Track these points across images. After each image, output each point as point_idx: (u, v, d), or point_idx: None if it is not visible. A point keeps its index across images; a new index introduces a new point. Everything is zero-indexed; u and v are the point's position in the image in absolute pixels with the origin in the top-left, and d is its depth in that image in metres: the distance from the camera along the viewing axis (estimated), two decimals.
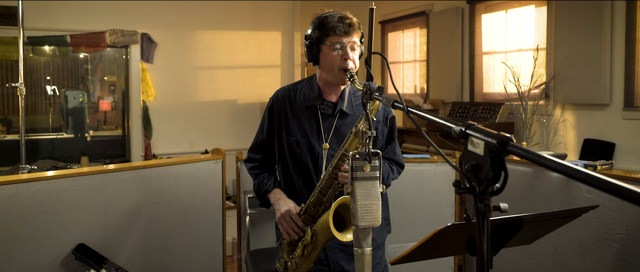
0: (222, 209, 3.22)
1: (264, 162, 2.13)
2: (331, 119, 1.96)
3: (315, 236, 1.82)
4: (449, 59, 5.22)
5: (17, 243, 2.39)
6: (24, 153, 3.40)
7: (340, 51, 1.83)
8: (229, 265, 3.80)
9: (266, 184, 2.06)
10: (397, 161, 2.08)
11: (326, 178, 1.79)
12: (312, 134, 1.96)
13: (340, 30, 1.82)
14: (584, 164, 2.60)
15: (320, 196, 1.81)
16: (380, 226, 2.02)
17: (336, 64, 1.84)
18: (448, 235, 1.22)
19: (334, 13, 1.87)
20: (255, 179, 2.12)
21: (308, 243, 1.83)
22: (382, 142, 2.02)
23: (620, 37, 3.73)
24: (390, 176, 2.02)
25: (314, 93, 1.97)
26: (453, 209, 3.22)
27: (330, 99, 1.98)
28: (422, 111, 1.15)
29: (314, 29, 1.88)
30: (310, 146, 1.97)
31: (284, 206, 1.94)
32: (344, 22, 1.82)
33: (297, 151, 1.98)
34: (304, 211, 1.87)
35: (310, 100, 1.97)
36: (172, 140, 5.69)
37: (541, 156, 0.75)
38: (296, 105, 2.01)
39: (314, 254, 1.86)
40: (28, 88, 4.02)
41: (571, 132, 4.12)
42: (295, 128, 1.99)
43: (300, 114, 1.99)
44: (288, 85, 2.10)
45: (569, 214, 1.43)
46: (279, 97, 2.06)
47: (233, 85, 5.99)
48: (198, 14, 5.75)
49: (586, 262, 2.50)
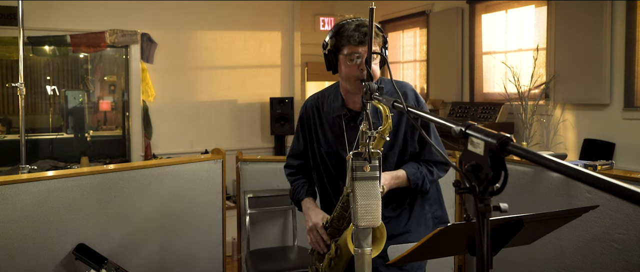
0: (222, 209, 3.22)
1: (300, 168, 2.12)
2: (355, 129, 1.90)
3: (340, 250, 1.79)
4: (449, 59, 5.22)
5: (17, 243, 2.39)
6: (24, 153, 3.41)
7: (357, 61, 1.76)
8: (229, 265, 3.80)
9: (299, 192, 2.05)
10: (436, 161, 1.96)
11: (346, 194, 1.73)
12: (339, 144, 1.94)
13: (356, 40, 1.74)
14: (584, 164, 2.60)
15: (342, 211, 1.77)
16: (425, 227, 1.96)
17: (353, 74, 1.78)
18: (448, 235, 1.22)
19: (351, 20, 1.79)
20: (292, 184, 2.11)
21: (333, 257, 1.82)
22: (413, 145, 1.92)
23: (620, 37, 3.73)
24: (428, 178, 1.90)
25: (337, 103, 1.94)
26: (453, 209, 3.23)
27: (355, 107, 1.92)
28: (422, 111, 1.15)
29: (331, 37, 1.81)
30: (337, 156, 1.94)
31: (312, 217, 1.92)
32: (360, 31, 1.74)
33: (328, 162, 1.97)
34: (329, 224, 1.84)
35: (335, 111, 1.93)
36: (172, 140, 5.69)
37: (541, 156, 0.75)
38: (324, 115, 1.98)
39: (341, 265, 1.84)
40: (28, 88, 4.02)
41: (571, 132, 4.12)
42: (323, 138, 1.97)
43: (327, 124, 1.96)
44: (316, 94, 2.06)
45: (569, 214, 1.42)
46: (308, 107, 2.03)
47: (233, 85, 5.99)
48: (198, 14, 5.75)
49: (586, 262, 2.50)
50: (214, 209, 3.17)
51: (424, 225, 1.98)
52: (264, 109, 6.11)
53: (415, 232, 1.94)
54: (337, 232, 1.84)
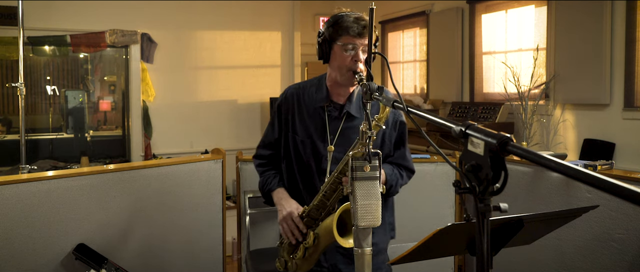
0: (222, 209, 3.22)
1: (271, 159, 2.10)
2: (337, 121, 1.94)
3: (318, 240, 1.81)
4: (449, 59, 5.22)
5: (17, 243, 2.39)
6: (24, 153, 3.41)
7: (351, 52, 1.81)
8: (229, 265, 3.80)
9: (271, 183, 2.04)
10: (406, 167, 2.02)
11: (331, 182, 1.77)
12: (317, 135, 1.95)
13: (354, 31, 1.79)
14: (584, 164, 2.60)
15: (324, 200, 1.79)
16: (384, 230, 2.02)
17: (346, 64, 1.82)
18: (448, 235, 1.22)
19: (350, 13, 1.84)
20: (261, 176, 2.10)
21: (310, 246, 1.82)
22: (389, 147, 1.98)
23: (620, 37, 3.73)
24: (399, 182, 1.97)
25: (322, 94, 1.95)
26: (453, 209, 3.23)
27: (338, 100, 1.95)
28: (422, 111, 1.15)
29: (328, 27, 1.85)
30: (314, 146, 1.95)
31: (286, 207, 1.91)
32: (359, 23, 1.80)
33: (301, 151, 1.97)
34: (306, 213, 1.86)
35: (318, 102, 1.95)
36: (172, 140, 5.69)
37: (541, 156, 0.75)
38: (304, 104, 1.99)
39: (315, 256, 1.86)
40: (28, 88, 4.02)
41: (571, 132, 4.12)
42: (301, 128, 1.97)
43: (307, 114, 1.97)
44: (298, 83, 2.08)
45: (569, 214, 1.43)
46: (288, 95, 2.04)
47: (233, 85, 5.99)
48: (198, 14, 5.75)
49: (586, 262, 2.50)
50: (214, 209, 3.17)
51: (383, 228, 2.01)
52: (264, 109, 6.11)
53: (377, 233, 1.96)
54: (314, 222, 1.85)
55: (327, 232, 1.76)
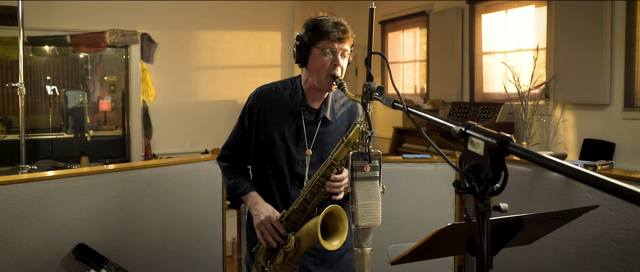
0: (222, 209, 3.22)
1: (237, 161, 2.07)
2: (312, 125, 1.92)
3: (299, 243, 1.79)
4: (449, 59, 5.22)
5: (17, 243, 2.39)
6: (24, 153, 3.41)
7: (331, 56, 1.81)
8: (229, 265, 3.80)
9: (243, 186, 1.98)
10: None
11: (312, 186, 1.76)
12: (291, 139, 1.92)
13: (334, 36, 1.79)
14: (584, 164, 2.60)
15: (304, 204, 1.78)
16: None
17: (325, 69, 1.82)
18: (448, 235, 1.22)
19: (329, 18, 1.84)
20: (230, 179, 2.04)
21: (291, 250, 1.80)
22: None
23: (620, 37, 3.73)
24: None
25: (298, 98, 1.93)
26: (453, 209, 3.22)
27: (314, 105, 1.94)
28: (422, 111, 1.15)
29: (306, 31, 1.85)
30: (287, 150, 1.92)
31: (263, 211, 1.87)
32: (338, 28, 1.80)
33: (274, 154, 1.94)
34: (285, 217, 1.83)
35: (295, 106, 1.93)
36: (172, 140, 5.69)
37: (541, 156, 0.75)
38: (277, 107, 1.96)
39: (294, 261, 1.84)
40: (28, 88, 4.02)
41: (571, 132, 4.12)
42: (274, 130, 1.94)
43: (281, 117, 1.94)
44: (270, 84, 2.03)
45: (569, 214, 1.42)
46: (261, 95, 2.00)
47: (233, 85, 5.99)
48: (198, 14, 5.75)
49: (586, 262, 2.50)
50: (214, 209, 3.17)
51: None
52: None
53: None
54: (293, 226, 1.83)
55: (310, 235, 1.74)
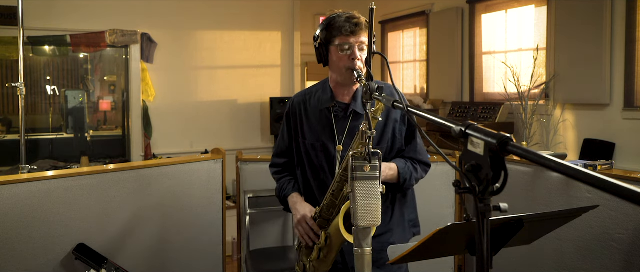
0: (222, 209, 3.22)
1: (286, 167, 2.14)
2: (344, 120, 1.95)
3: (330, 239, 1.81)
4: (449, 59, 5.22)
5: (17, 243, 2.39)
6: (24, 153, 3.41)
7: (348, 51, 1.83)
8: (229, 265, 3.80)
9: (286, 188, 2.07)
10: (420, 160, 2.01)
11: (337, 181, 1.77)
12: (326, 136, 1.96)
13: (347, 31, 1.81)
14: (584, 164, 2.60)
15: (333, 199, 1.80)
16: (402, 229, 2.02)
17: (343, 64, 1.84)
18: (448, 235, 1.22)
19: (341, 14, 1.87)
20: (278, 183, 2.13)
21: (323, 246, 1.83)
22: (401, 142, 1.98)
23: (620, 37, 3.73)
24: (414, 175, 1.96)
25: (326, 96, 1.98)
26: (453, 209, 3.22)
27: (343, 100, 1.97)
28: (422, 111, 1.15)
29: (322, 31, 1.88)
30: (325, 148, 1.96)
31: (300, 210, 1.93)
32: (350, 22, 1.82)
33: (313, 154, 1.99)
34: (318, 214, 1.86)
35: (324, 103, 1.97)
36: (172, 140, 5.69)
37: (541, 156, 0.75)
38: (310, 109, 2.01)
39: (331, 257, 1.85)
40: (28, 88, 4.02)
41: (571, 132, 4.12)
42: (310, 132, 2.00)
43: (314, 118, 2.00)
44: (304, 90, 2.11)
45: (569, 214, 1.42)
46: (295, 102, 2.07)
47: (233, 85, 5.99)
48: (198, 14, 5.75)
49: (586, 263, 2.50)
50: (214, 209, 3.17)
51: (402, 226, 2.03)
52: (263, 109, 6.11)
53: (395, 232, 1.99)
54: (327, 223, 1.85)
55: (336, 231, 1.76)
